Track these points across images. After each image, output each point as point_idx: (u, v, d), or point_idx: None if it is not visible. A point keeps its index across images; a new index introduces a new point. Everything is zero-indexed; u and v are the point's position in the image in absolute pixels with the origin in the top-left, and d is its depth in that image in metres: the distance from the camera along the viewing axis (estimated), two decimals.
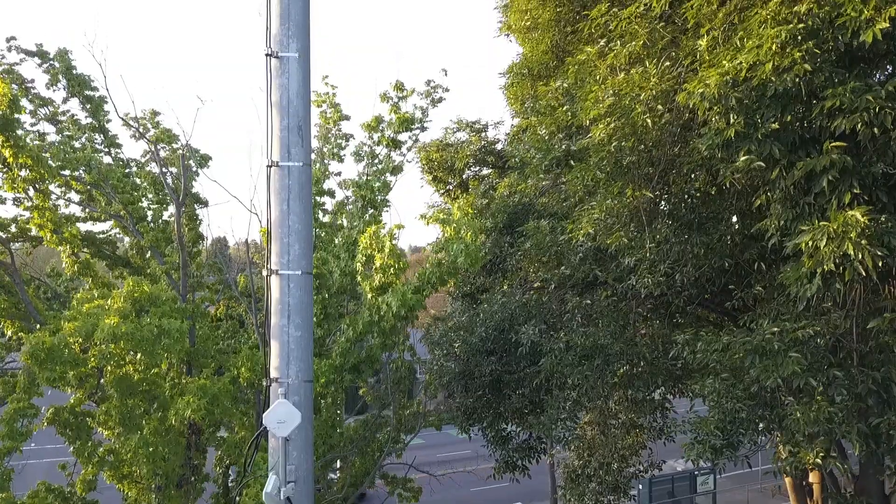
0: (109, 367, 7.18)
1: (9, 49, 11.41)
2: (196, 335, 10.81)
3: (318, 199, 10.10)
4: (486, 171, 17.39)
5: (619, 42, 7.70)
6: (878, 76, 6.02)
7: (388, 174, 8.69)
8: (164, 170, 11.36)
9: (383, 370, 12.97)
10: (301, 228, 5.40)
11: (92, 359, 6.79)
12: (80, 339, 6.65)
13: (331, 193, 10.37)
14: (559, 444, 9.55)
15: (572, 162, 8.11)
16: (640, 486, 23.89)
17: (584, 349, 9.39)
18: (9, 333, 8.90)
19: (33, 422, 7.82)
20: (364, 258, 7.28)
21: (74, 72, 11.61)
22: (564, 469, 14.62)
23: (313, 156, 14.35)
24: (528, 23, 10.90)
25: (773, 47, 5.85)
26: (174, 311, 7.95)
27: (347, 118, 10.54)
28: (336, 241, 9.38)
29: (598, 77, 8.08)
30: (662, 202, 7.76)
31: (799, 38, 5.93)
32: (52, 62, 11.74)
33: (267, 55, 5.35)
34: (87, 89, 11.86)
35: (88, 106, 11.83)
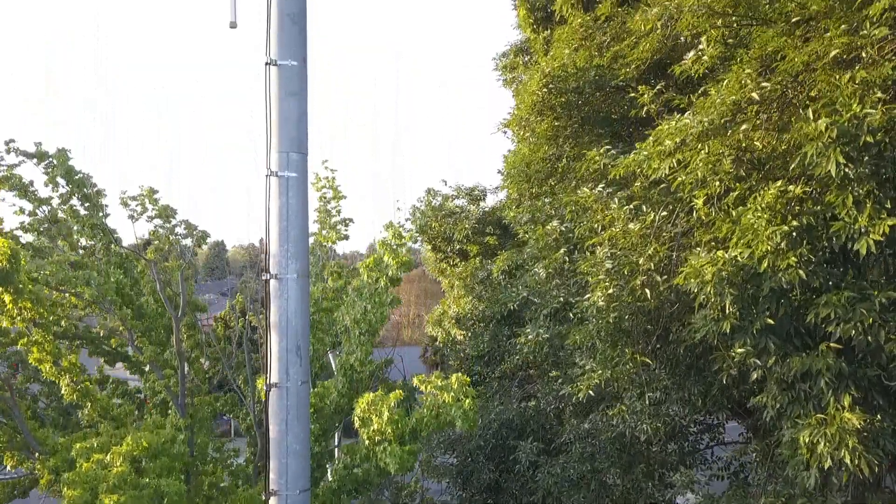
0: None
1: (7, 151, 11.44)
2: (196, 443, 10.88)
3: (315, 317, 10.15)
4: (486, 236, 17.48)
5: (616, 198, 7.74)
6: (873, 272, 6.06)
7: (387, 306, 8.75)
8: (165, 258, 11.44)
9: None
10: (299, 449, 5.44)
11: None
12: None
13: (329, 310, 10.42)
14: None
15: (571, 314, 8.18)
16: None
17: (580, 473, 9.44)
18: (8, 466, 8.94)
19: None
20: (361, 418, 7.32)
21: (74, 173, 11.64)
22: None
23: (313, 235, 14.41)
24: (528, 134, 10.97)
25: (768, 248, 5.88)
26: (173, 457, 8.00)
27: (348, 228, 10.58)
28: (333, 365, 9.45)
29: (595, 223, 8.13)
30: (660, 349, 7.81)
31: (794, 234, 5.97)
32: (50, 160, 11.77)
33: (266, 280, 5.40)
34: (86, 187, 11.89)
35: (87, 204, 11.87)
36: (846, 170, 5.62)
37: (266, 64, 5.35)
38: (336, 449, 11.58)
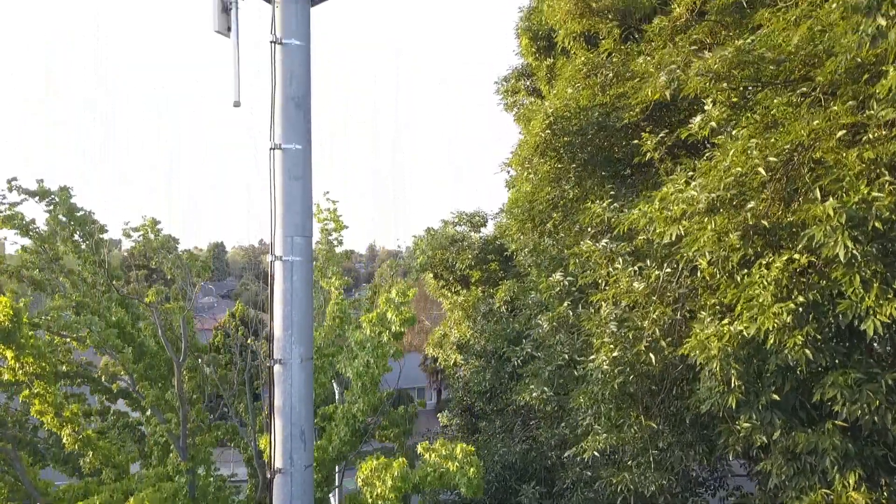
0: None
1: (10, 189, 11.42)
2: (197, 484, 10.86)
3: (317, 363, 10.12)
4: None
5: (620, 256, 7.72)
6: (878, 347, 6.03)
7: (390, 358, 8.74)
8: (165, 316, 11.41)
9: None
10: None
11: None
12: None
13: (332, 355, 10.39)
14: None
15: (575, 371, 8.15)
16: None
17: None
18: None
19: None
20: (365, 482, 7.29)
21: (75, 210, 11.64)
22: None
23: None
24: (530, 174, 10.93)
25: (774, 325, 5.84)
26: None
27: (350, 260, 10.49)
28: (338, 412, 9.43)
29: (599, 278, 8.10)
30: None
31: (800, 310, 5.93)
32: (52, 196, 11.76)
33: (269, 366, 5.37)
34: (88, 225, 11.88)
35: (88, 242, 11.85)
36: (854, 251, 5.59)
37: (270, 149, 5.33)
38: (336, 490, 11.56)
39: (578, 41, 13.13)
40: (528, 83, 17.89)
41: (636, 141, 9.33)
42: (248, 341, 14.85)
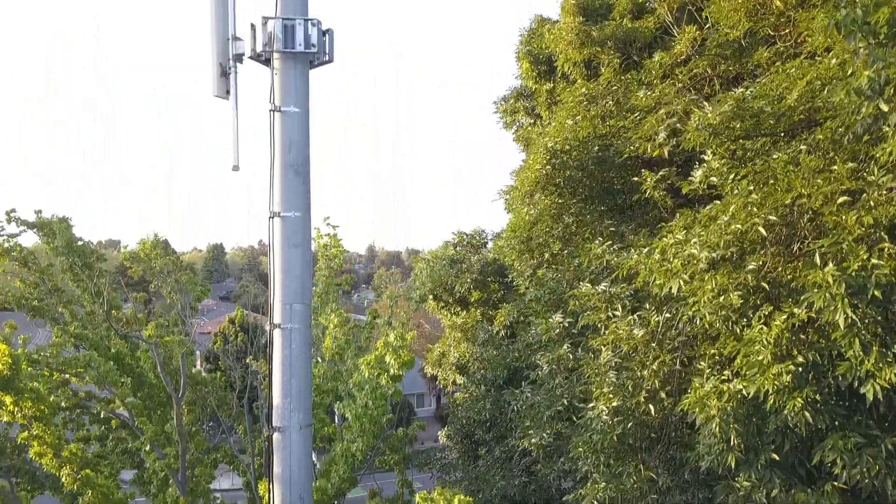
0: None
1: (8, 221, 11.41)
2: None
3: (316, 399, 10.12)
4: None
5: (619, 303, 7.71)
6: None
7: (389, 397, 8.75)
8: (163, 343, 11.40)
9: None
10: None
11: None
12: None
13: (330, 391, 10.39)
14: None
15: (575, 418, 8.16)
16: None
17: None
18: None
19: None
20: None
21: (74, 240, 11.64)
22: None
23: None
24: (531, 209, 10.93)
25: (773, 387, 5.84)
26: None
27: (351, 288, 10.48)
28: (337, 450, 9.43)
29: (599, 322, 8.10)
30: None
31: (800, 370, 5.92)
32: (51, 226, 11.75)
33: (268, 435, 5.36)
34: (88, 256, 11.87)
35: (88, 272, 11.84)
36: (853, 318, 5.58)
37: (269, 217, 5.32)
38: None
39: (578, 67, 13.14)
40: (527, 104, 17.88)
41: (636, 178, 9.33)
42: (248, 360, 14.83)
